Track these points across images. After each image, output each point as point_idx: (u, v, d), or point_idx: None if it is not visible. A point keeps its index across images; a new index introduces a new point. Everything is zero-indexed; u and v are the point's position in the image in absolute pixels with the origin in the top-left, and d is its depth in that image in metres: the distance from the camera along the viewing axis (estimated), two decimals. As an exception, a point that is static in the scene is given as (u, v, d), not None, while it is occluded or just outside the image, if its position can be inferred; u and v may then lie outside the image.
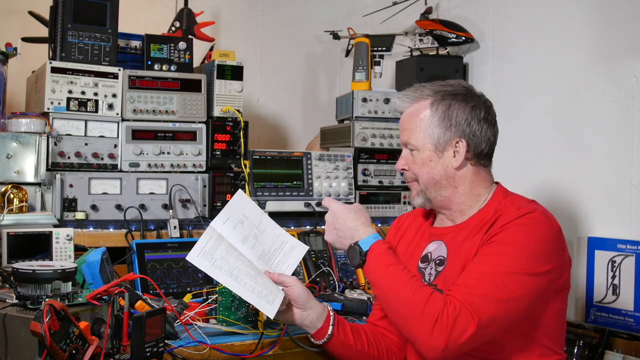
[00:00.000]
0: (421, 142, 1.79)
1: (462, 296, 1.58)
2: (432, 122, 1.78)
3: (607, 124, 2.61)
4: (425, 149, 1.79)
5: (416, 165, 1.82)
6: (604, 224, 2.59)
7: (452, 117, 1.77)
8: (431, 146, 1.78)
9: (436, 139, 1.78)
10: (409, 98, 1.84)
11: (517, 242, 1.64)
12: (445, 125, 1.77)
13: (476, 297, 1.57)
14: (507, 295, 1.59)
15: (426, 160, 1.80)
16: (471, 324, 1.54)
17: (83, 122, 2.54)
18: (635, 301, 2.44)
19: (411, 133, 1.81)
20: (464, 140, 1.78)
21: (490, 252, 1.65)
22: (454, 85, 1.83)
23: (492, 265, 1.62)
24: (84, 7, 2.54)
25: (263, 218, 1.84)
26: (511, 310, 1.61)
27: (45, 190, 2.43)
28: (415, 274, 1.79)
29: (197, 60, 3.01)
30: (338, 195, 2.94)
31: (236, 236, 1.77)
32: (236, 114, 2.74)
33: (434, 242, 1.87)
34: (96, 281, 1.95)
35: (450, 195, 1.81)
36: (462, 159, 1.78)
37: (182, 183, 2.65)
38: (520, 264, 1.61)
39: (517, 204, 1.75)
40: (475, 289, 1.59)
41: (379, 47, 3.29)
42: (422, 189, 1.83)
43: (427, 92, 1.82)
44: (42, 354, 1.40)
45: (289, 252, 1.85)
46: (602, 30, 2.65)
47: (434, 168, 1.79)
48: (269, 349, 1.85)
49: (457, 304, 1.56)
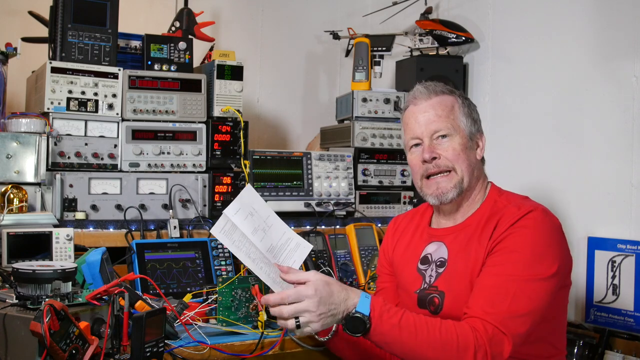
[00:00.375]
0: (457, 129, 1.81)
1: (489, 317, 1.58)
2: (464, 113, 1.84)
3: (607, 124, 2.61)
4: (462, 136, 1.82)
5: (455, 152, 1.79)
6: (604, 224, 2.59)
7: (474, 114, 1.86)
8: (466, 134, 1.83)
9: (469, 129, 1.84)
10: (438, 89, 1.87)
11: (525, 247, 1.65)
12: (473, 119, 1.86)
13: (503, 315, 1.58)
14: (530, 306, 1.60)
15: (464, 147, 1.81)
16: (506, 344, 1.56)
17: (83, 122, 2.54)
18: (635, 301, 2.44)
19: (446, 119, 1.81)
20: (483, 135, 1.88)
21: (501, 261, 1.66)
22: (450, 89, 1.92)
23: (508, 276, 1.62)
24: (84, 7, 2.54)
25: (270, 214, 1.84)
26: (536, 318, 1.63)
27: (45, 190, 2.43)
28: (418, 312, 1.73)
29: (197, 60, 3.01)
30: (338, 195, 2.94)
31: (247, 226, 1.77)
32: (236, 114, 2.74)
33: (434, 244, 1.87)
34: (96, 281, 1.95)
35: (474, 187, 1.85)
36: (482, 152, 1.87)
37: (182, 183, 2.65)
38: (533, 269, 1.63)
39: (514, 202, 1.76)
40: (500, 306, 1.59)
41: (379, 47, 3.29)
42: (460, 178, 1.80)
43: (447, 90, 1.87)
44: (42, 354, 1.40)
45: (294, 248, 1.85)
46: (602, 30, 2.65)
47: (470, 155, 1.82)
48: (269, 349, 1.84)
49: (488, 327, 1.56)
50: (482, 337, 1.55)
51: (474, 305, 1.63)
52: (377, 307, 1.60)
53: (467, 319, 1.62)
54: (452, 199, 1.81)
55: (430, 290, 1.82)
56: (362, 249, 2.77)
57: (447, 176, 1.80)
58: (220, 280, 2.04)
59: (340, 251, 2.74)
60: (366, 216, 3.01)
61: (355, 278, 2.69)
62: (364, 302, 1.61)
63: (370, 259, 2.76)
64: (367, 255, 2.76)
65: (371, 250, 2.78)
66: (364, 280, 2.69)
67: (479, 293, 1.65)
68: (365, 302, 1.61)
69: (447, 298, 1.77)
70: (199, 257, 2.41)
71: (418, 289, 1.86)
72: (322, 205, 2.89)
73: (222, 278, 2.24)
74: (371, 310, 1.60)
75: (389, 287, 2.03)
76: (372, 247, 2.79)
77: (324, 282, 1.62)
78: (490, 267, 1.67)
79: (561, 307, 1.77)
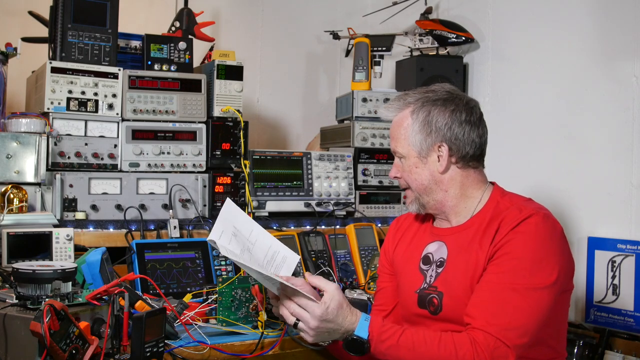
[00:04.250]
0: (406, 150, 1.84)
1: (491, 328, 1.58)
2: (413, 130, 1.82)
3: (607, 124, 2.61)
4: (411, 156, 1.84)
5: (406, 173, 1.87)
6: (604, 224, 2.60)
7: (432, 122, 1.81)
8: (415, 153, 1.83)
9: (419, 145, 1.82)
10: (393, 108, 1.89)
11: (526, 255, 1.65)
12: (426, 132, 1.81)
13: (505, 326, 1.59)
14: (532, 316, 1.61)
15: (412, 167, 1.85)
16: (510, 356, 1.57)
17: (83, 122, 2.54)
18: (635, 301, 2.44)
19: (397, 142, 1.87)
20: (445, 144, 1.81)
21: (502, 269, 1.66)
22: (437, 90, 1.86)
23: (509, 284, 1.63)
24: (84, 7, 2.53)
25: (253, 228, 1.82)
26: (537, 327, 1.63)
27: (45, 190, 2.43)
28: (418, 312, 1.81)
29: (197, 60, 3.01)
30: (338, 195, 2.94)
31: (235, 248, 1.77)
32: (236, 114, 2.74)
33: (436, 243, 1.87)
34: (96, 281, 1.95)
35: (442, 199, 1.85)
36: (445, 162, 1.81)
37: (182, 183, 2.65)
38: (534, 278, 1.63)
39: (517, 205, 1.76)
40: (502, 317, 1.60)
41: (379, 47, 3.29)
42: (416, 195, 1.88)
43: (409, 99, 1.86)
44: (42, 354, 1.40)
45: (281, 263, 1.83)
46: (603, 30, 2.65)
47: (420, 174, 1.84)
48: (269, 349, 1.85)
49: (490, 339, 1.57)
50: (483, 351, 1.57)
51: (475, 314, 1.64)
52: (376, 329, 1.65)
53: (469, 330, 1.63)
54: (417, 211, 1.91)
55: (429, 290, 1.82)
56: (362, 249, 2.77)
57: (407, 191, 1.91)
58: (220, 280, 2.05)
59: (340, 251, 2.74)
60: (366, 216, 3.01)
61: (355, 278, 2.69)
62: (362, 326, 1.66)
63: (370, 259, 2.75)
64: (367, 255, 2.76)
65: (371, 250, 2.78)
66: (364, 280, 2.69)
67: (480, 302, 1.65)
68: (363, 326, 1.66)
69: (445, 298, 1.77)
70: (199, 257, 2.41)
71: (418, 289, 1.86)
72: (322, 205, 2.89)
73: (222, 278, 2.24)
74: (369, 333, 1.65)
75: (388, 286, 2.03)
76: (372, 247, 2.79)
77: (338, 302, 1.66)
78: (491, 275, 1.67)
79: (562, 310, 1.77)
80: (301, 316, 1.66)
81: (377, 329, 1.65)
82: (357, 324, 1.66)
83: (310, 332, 1.66)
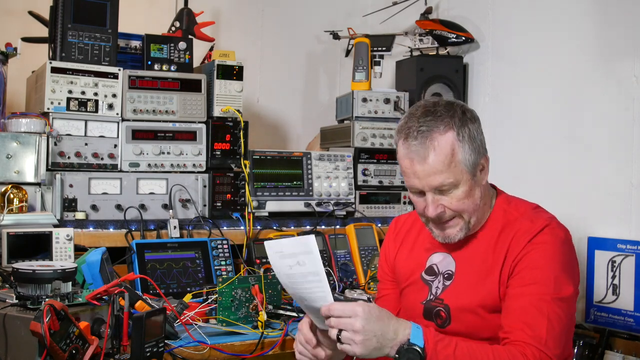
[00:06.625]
0: (459, 176, 1.65)
1: (533, 341, 1.58)
2: (465, 150, 1.66)
3: (607, 124, 2.61)
4: (466, 180, 1.66)
5: (459, 202, 1.68)
6: (604, 224, 2.59)
7: (476, 138, 1.68)
8: (469, 175, 1.67)
9: (471, 166, 1.67)
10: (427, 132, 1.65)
11: (548, 265, 1.64)
12: (476, 150, 1.68)
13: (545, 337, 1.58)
14: (563, 324, 1.62)
15: (468, 192, 1.67)
16: None
17: (83, 122, 2.54)
18: (635, 301, 2.44)
19: (443, 173, 1.64)
20: (486, 154, 1.73)
21: (528, 281, 1.64)
22: (450, 106, 1.71)
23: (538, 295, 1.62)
24: (84, 7, 2.53)
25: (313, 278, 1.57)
26: (569, 335, 1.66)
27: (45, 190, 2.43)
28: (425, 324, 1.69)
29: (197, 60, 3.01)
30: (338, 195, 2.94)
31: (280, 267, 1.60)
32: (236, 114, 2.74)
33: (439, 254, 1.82)
34: (96, 281, 1.95)
35: (482, 213, 1.75)
36: (487, 174, 1.74)
37: (182, 183, 2.65)
38: (559, 287, 1.63)
39: (526, 215, 1.74)
40: (539, 328, 1.59)
41: (379, 47, 3.29)
42: (467, 221, 1.71)
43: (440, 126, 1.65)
44: (42, 354, 1.40)
45: None
46: (602, 30, 2.65)
47: (475, 195, 1.69)
48: (269, 349, 1.85)
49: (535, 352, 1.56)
50: None
51: (513, 329, 1.62)
52: (431, 337, 1.53)
53: (511, 344, 1.60)
54: (462, 237, 1.74)
55: (436, 303, 1.78)
56: (362, 249, 2.77)
57: (452, 221, 1.72)
58: (220, 280, 2.05)
59: (340, 251, 2.74)
60: (366, 216, 3.01)
61: (355, 278, 2.69)
62: (416, 333, 1.52)
63: (370, 259, 2.75)
64: (367, 256, 2.76)
65: (371, 251, 2.78)
66: (364, 280, 2.69)
67: (514, 316, 1.63)
68: (418, 333, 1.53)
69: (452, 311, 1.74)
70: (199, 257, 2.41)
71: (424, 300, 1.81)
72: (322, 205, 2.89)
73: (222, 278, 2.24)
74: (425, 341, 1.52)
75: (391, 294, 1.97)
76: (372, 247, 2.80)
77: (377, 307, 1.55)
78: (517, 289, 1.65)
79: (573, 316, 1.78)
80: (343, 323, 1.49)
81: (432, 337, 1.52)
82: (410, 331, 1.52)
83: (357, 338, 1.48)
